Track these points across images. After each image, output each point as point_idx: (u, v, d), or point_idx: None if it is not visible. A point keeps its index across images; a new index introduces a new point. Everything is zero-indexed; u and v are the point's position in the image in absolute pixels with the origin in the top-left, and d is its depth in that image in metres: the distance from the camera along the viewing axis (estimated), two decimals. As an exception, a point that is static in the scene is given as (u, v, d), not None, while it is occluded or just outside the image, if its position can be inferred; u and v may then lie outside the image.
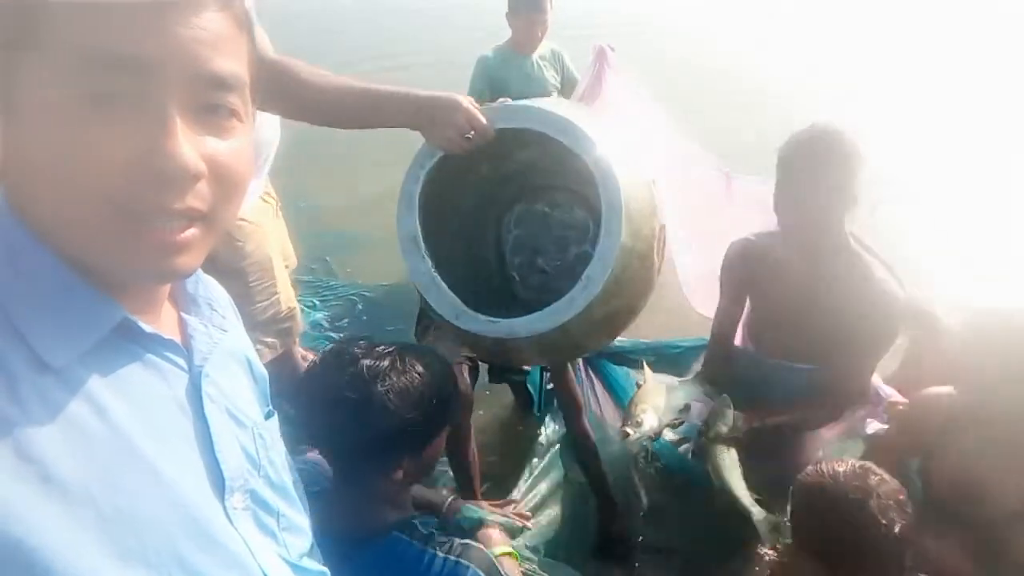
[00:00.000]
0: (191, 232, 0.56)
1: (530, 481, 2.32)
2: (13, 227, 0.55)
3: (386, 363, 1.14)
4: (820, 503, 1.34)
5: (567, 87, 3.32)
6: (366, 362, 1.14)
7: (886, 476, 1.34)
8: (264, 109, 1.37)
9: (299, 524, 0.77)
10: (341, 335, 3.18)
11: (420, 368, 1.17)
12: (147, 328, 0.60)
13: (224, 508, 0.63)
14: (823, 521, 1.33)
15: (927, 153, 4.81)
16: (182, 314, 0.69)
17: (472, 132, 1.36)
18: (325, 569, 0.82)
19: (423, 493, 1.49)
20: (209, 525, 0.60)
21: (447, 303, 1.37)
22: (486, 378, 2.31)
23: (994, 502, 1.49)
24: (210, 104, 0.56)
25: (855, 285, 1.71)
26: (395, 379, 1.13)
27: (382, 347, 1.18)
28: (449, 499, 1.51)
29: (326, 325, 3.25)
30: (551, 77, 3.30)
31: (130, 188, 0.52)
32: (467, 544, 1.14)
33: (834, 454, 2.02)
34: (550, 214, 1.65)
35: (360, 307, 3.40)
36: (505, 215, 1.68)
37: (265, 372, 0.81)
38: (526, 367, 2.40)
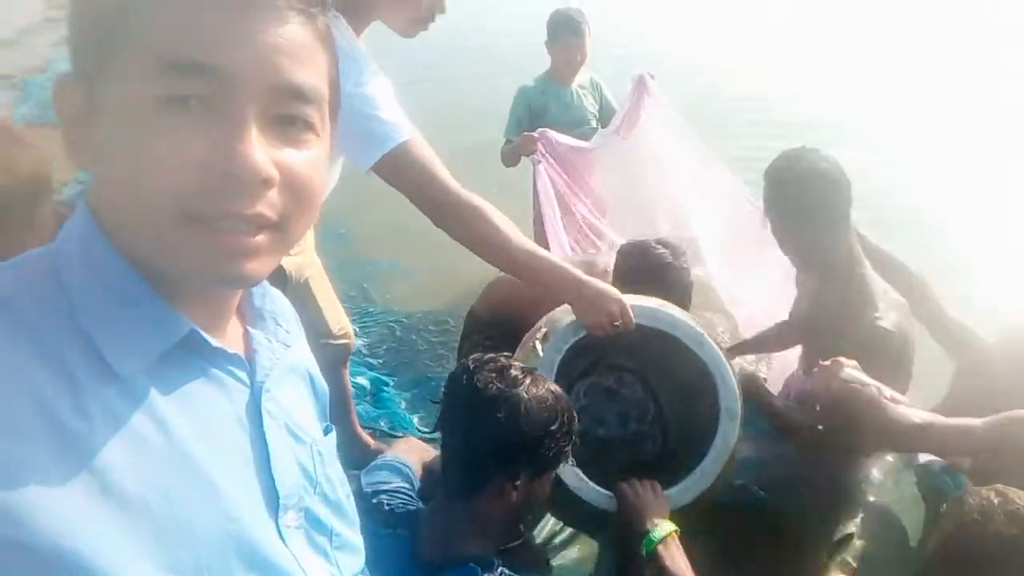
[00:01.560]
0: (260, 238, 0.55)
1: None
2: (92, 233, 0.56)
3: (528, 378, 1.25)
4: (994, 550, 1.16)
5: (605, 116, 3.35)
6: (513, 372, 1.24)
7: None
8: (440, 227, 1.49)
9: (353, 542, 0.76)
10: (380, 362, 3.20)
11: (552, 388, 1.28)
12: (213, 342, 0.60)
13: (277, 526, 0.62)
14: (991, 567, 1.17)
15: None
16: (248, 327, 0.68)
17: (620, 322, 1.47)
18: None
19: None
20: (261, 543, 0.60)
21: (570, 472, 1.47)
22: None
23: None
24: (287, 115, 0.55)
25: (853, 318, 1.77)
26: (535, 390, 1.24)
27: (519, 363, 1.29)
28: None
29: (365, 352, 3.28)
30: (590, 105, 3.34)
31: (202, 189, 0.52)
32: None
33: (887, 483, 1.97)
34: (617, 391, 1.76)
35: (398, 333, 3.43)
36: (576, 384, 1.77)
37: (326, 387, 0.80)
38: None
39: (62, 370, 0.51)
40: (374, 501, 1.30)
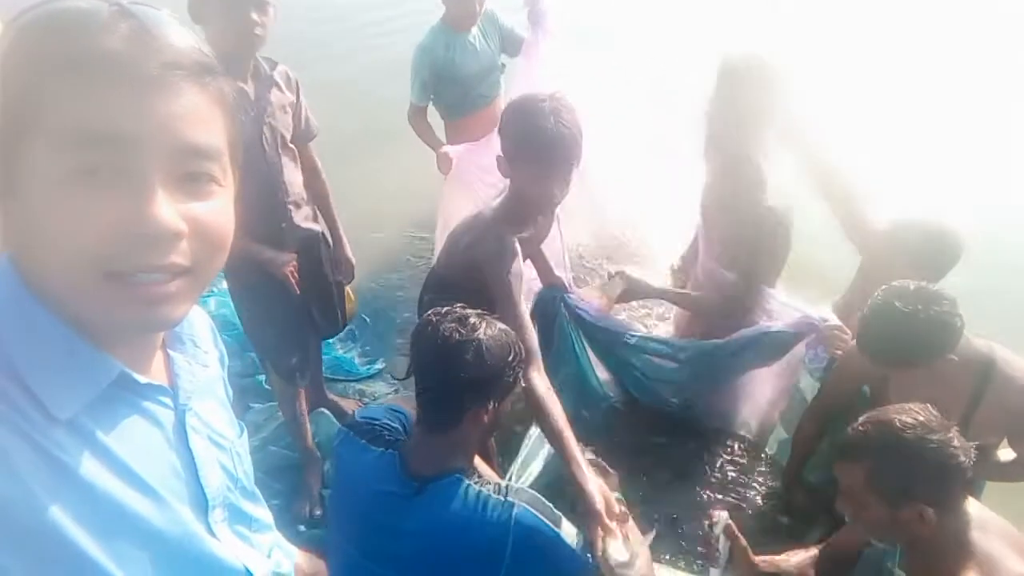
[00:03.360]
0: (174, 284, 0.61)
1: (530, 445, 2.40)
2: (21, 292, 0.61)
3: (483, 322, 1.45)
4: (902, 450, 1.45)
5: (509, 45, 3.29)
6: (472, 319, 1.44)
7: (934, 412, 1.50)
8: None
9: (266, 522, 0.91)
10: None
11: (502, 327, 1.48)
12: (141, 380, 0.68)
13: (208, 522, 0.74)
14: (906, 466, 1.45)
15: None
16: (168, 351, 0.76)
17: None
18: (290, 552, 1.02)
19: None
20: (201, 538, 0.72)
21: None
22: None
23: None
24: (190, 172, 0.61)
25: None
26: (491, 331, 1.44)
27: (472, 311, 1.47)
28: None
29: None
30: (494, 46, 3.28)
31: (116, 249, 0.57)
32: (511, 487, 1.45)
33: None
34: None
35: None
36: None
37: (231, 392, 0.90)
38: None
39: (22, 415, 0.58)
40: (367, 426, 1.55)
